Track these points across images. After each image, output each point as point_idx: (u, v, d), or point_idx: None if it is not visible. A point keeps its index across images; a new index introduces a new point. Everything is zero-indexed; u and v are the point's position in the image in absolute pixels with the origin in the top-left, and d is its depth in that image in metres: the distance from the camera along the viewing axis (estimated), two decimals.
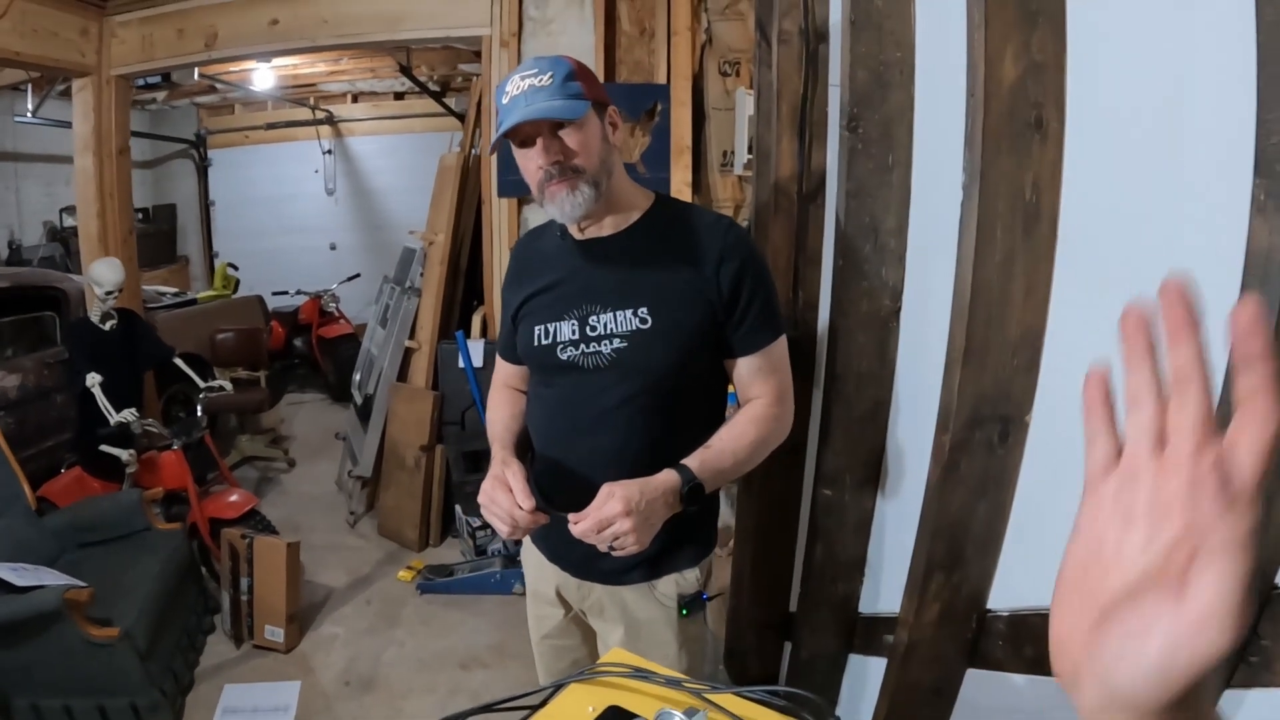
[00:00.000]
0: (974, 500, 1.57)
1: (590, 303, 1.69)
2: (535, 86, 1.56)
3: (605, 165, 1.64)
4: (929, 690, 1.83)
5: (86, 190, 4.89)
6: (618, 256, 1.71)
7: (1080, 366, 1.40)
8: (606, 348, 1.67)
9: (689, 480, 1.57)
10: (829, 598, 2.36)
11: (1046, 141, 1.35)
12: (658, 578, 1.78)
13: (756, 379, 1.70)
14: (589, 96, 1.59)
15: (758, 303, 1.65)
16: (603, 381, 1.68)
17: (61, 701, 3.05)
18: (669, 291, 1.65)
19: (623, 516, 1.48)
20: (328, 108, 9.84)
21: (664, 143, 4.40)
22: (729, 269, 1.63)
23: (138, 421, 4.05)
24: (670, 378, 1.67)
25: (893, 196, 1.93)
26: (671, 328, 1.64)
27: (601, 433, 1.71)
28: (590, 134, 1.61)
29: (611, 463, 1.66)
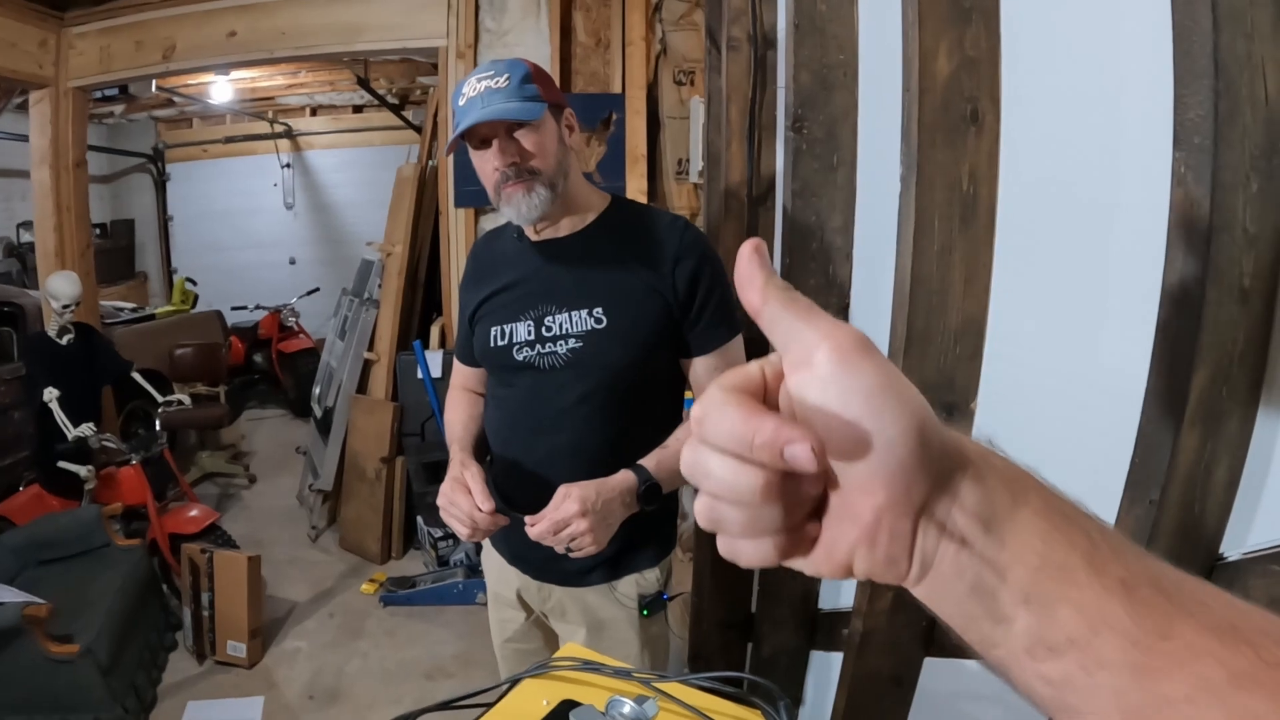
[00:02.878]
0: None
1: (546, 303, 1.70)
2: (492, 88, 1.56)
3: (561, 167, 1.64)
4: (888, 679, 1.84)
5: (44, 204, 4.86)
6: (573, 257, 1.72)
7: (1023, 355, 1.43)
8: (562, 348, 1.67)
9: (645, 480, 1.59)
10: (788, 594, 2.38)
11: (982, 133, 1.38)
12: (618, 578, 1.79)
13: (713, 378, 1.67)
14: (545, 99, 1.60)
15: (713, 302, 1.67)
16: (559, 381, 1.69)
17: (24, 719, 3.02)
18: (624, 291, 1.66)
19: (579, 517, 1.50)
20: (286, 121, 9.81)
21: (619, 151, 4.43)
22: (685, 268, 1.64)
23: (95, 436, 4.02)
24: (626, 377, 1.68)
25: (838, 195, 1.96)
26: (628, 327, 1.66)
27: (559, 432, 1.72)
28: (546, 136, 1.61)
29: (569, 462, 1.68)
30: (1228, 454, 1.00)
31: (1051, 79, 1.35)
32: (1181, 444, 0.94)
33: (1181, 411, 0.93)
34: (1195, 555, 1.06)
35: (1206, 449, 0.97)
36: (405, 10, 4.45)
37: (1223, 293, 0.89)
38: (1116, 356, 1.17)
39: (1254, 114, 0.86)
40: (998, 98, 1.38)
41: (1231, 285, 0.89)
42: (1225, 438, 0.99)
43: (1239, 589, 1.02)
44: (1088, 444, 1.30)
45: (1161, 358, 0.97)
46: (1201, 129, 0.87)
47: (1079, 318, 1.34)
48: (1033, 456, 1.30)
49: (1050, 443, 1.40)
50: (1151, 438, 1.00)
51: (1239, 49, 0.84)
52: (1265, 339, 0.95)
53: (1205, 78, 0.86)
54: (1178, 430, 0.93)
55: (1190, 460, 0.96)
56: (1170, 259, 0.94)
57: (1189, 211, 0.90)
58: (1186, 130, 0.90)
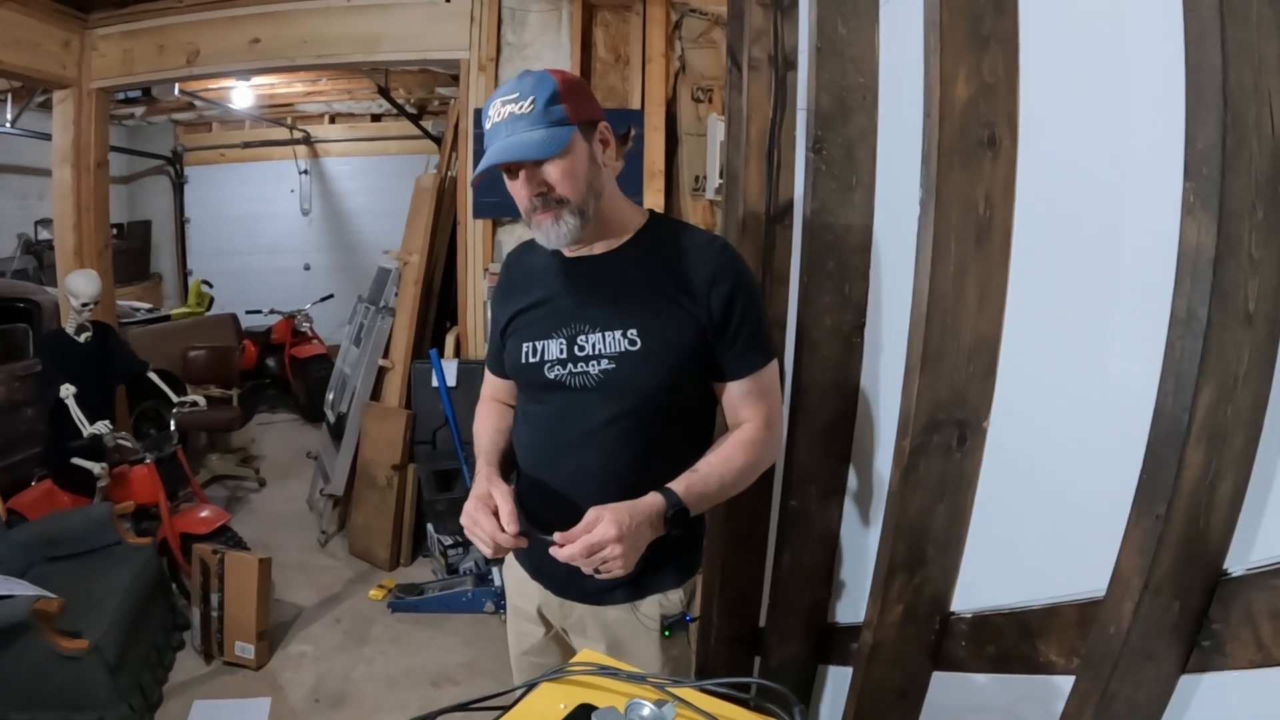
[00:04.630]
0: (933, 503, 1.63)
1: (579, 322, 1.67)
2: (516, 114, 1.52)
3: (593, 189, 1.60)
4: (895, 692, 1.86)
5: (64, 202, 4.91)
6: (607, 276, 1.69)
7: (1037, 374, 1.47)
8: (594, 368, 1.65)
9: (674, 504, 1.56)
10: (797, 607, 2.39)
11: (999, 158, 1.42)
12: (640, 598, 1.77)
13: (746, 403, 1.68)
14: (574, 118, 1.55)
15: (749, 325, 1.64)
16: (590, 402, 1.67)
17: (28, 716, 3.02)
18: (659, 313, 1.63)
19: (615, 541, 1.47)
20: (305, 128, 9.85)
21: (637, 167, 4.48)
22: (721, 291, 1.61)
23: (111, 434, 4.05)
24: (658, 400, 1.66)
25: (855, 216, 2.00)
26: (661, 350, 1.63)
27: (587, 453, 1.69)
28: (575, 161, 1.56)
29: (597, 483, 1.66)
30: (1232, 471, 1.03)
31: (1067, 106, 1.38)
32: (1187, 460, 0.98)
33: (1187, 429, 0.96)
34: (1199, 569, 1.09)
35: (1211, 466, 1.01)
36: (427, 21, 4.51)
37: (1228, 316, 0.93)
38: (1125, 376, 1.21)
39: (1260, 144, 0.90)
40: (1015, 123, 1.42)
41: (1236, 309, 0.93)
42: (1229, 455, 1.02)
43: (1242, 603, 1.05)
44: (1097, 461, 1.33)
45: (1169, 377, 1.01)
46: (1210, 159, 0.91)
47: (1089, 338, 1.36)
48: (1044, 472, 1.34)
49: (1061, 460, 1.43)
50: (1159, 454, 1.03)
51: (1246, 81, 0.88)
52: (1270, 360, 0.99)
53: (1214, 110, 0.89)
54: (1184, 447, 0.97)
55: (1195, 476, 1.00)
56: (1179, 283, 0.98)
57: (1197, 238, 0.94)
58: (1195, 161, 0.94)
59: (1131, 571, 1.08)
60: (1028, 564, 1.54)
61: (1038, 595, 1.47)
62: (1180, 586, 1.09)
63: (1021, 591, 1.52)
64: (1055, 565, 1.46)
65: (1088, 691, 1.20)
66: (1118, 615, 1.11)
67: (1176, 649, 1.14)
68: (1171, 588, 1.08)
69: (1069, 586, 1.38)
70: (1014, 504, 1.58)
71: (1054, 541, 1.48)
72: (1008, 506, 1.61)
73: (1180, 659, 1.15)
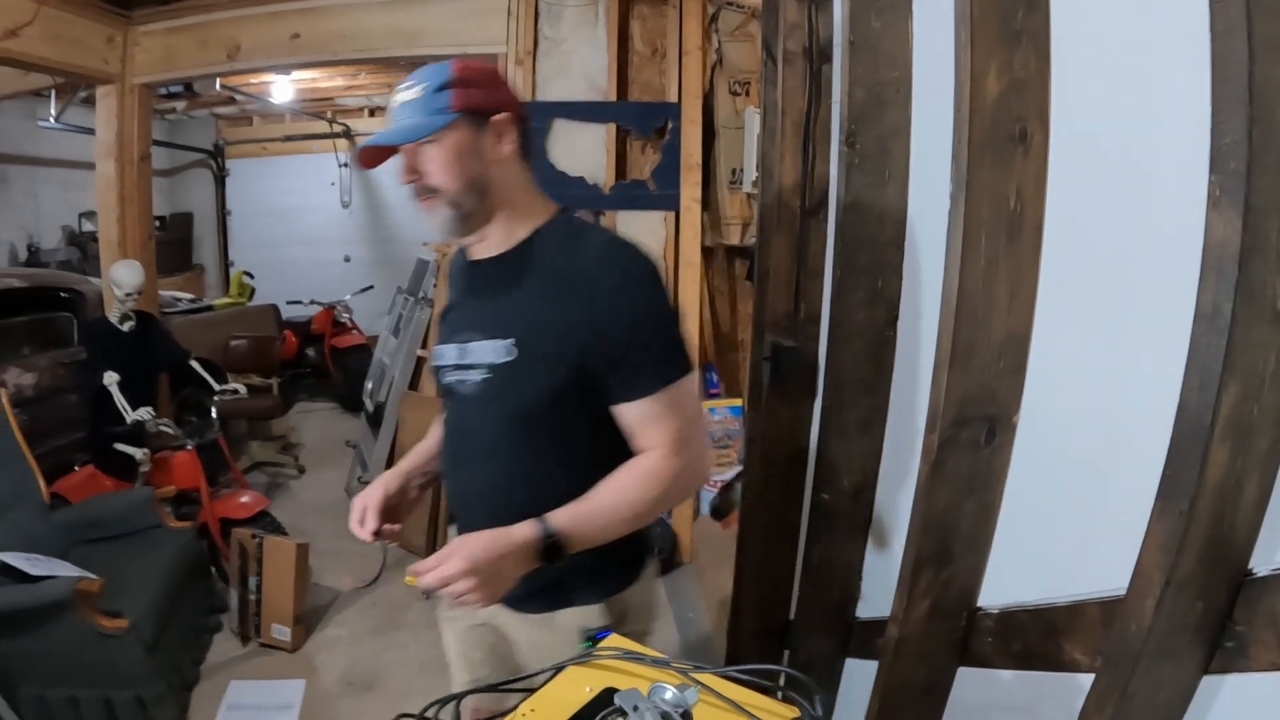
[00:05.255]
0: (962, 498, 1.63)
1: (469, 328, 1.61)
2: (404, 100, 1.50)
3: (473, 183, 1.52)
4: (920, 688, 1.86)
5: (107, 195, 4.99)
6: (496, 279, 1.60)
7: (1067, 370, 1.46)
8: (475, 377, 1.58)
9: (548, 537, 1.46)
10: (826, 602, 2.41)
11: (1030, 153, 1.42)
12: (556, 609, 1.68)
13: (646, 427, 1.53)
14: (458, 107, 1.48)
15: (646, 342, 1.49)
16: (473, 411, 1.62)
17: (68, 692, 3.07)
18: (541, 324, 1.51)
19: (462, 576, 1.40)
20: (345, 121, 9.95)
21: (674, 160, 4.50)
22: (612, 303, 1.47)
23: (154, 420, 4.12)
24: (538, 416, 1.56)
25: (889, 209, 2.00)
26: (538, 364, 1.52)
27: (478, 462, 1.65)
28: (448, 151, 1.49)
29: (489, 493, 1.64)
30: (1258, 471, 1.03)
31: (1098, 101, 1.38)
32: (1211, 458, 0.98)
33: (1211, 426, 0.96)
34: (1224, 569, 1.09)
35: (1237, 464, 1.00)
36: (465, 16, 4.54)
37: (1253, 314, 0.93)
38: (1155, 374, 1.20)
39: None
40: (1046, 118, 1.42)
41: (1264, 307, 0.93)
42: (1256, 455, 1.02)
43: (1266, 605, 1.05)
44: (1125, 458, 1.33)
45: (1193, 374, 1.01)
46: (1236, 154, 0.90)
47: (1120, 335, 1.36)
48: (1073, 469, 1.33)
49: (1090, 457, 1.43)
50: (1182, 451, 1.03)
51: (1274, 77, 0.88)
52: None
53: (1241, 104, 0.89)
54: (1207, 445, 0.97)
55: (1220, 474, 1.00)
56: (1204, 279, 0.98)
57: (1222, 234, 0.93)
58: (1221, 155, 0.94)
59: (1153, 568, 1.08)
60: (1055, 561, 1.54)
61: (1064, 592, 1.47)
62: (1204, 586, 1.09)
63: (1048, 588, 1.52)
64: (1082, 563, 1.46)
65: (1107, 690, 1.20)
66: (1139, 613, 1.11)
67: (1199, 649, 1.14)
68: (1194, 587, 1.08)
69: (1095, 584, 1.37)
70: (1042, 500, 1.58)
71: (1081, 539, 1.48)
72: (1036, 503, 1.60)
73: (1202, 660, 1.15)
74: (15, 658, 2.96)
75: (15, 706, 2.89)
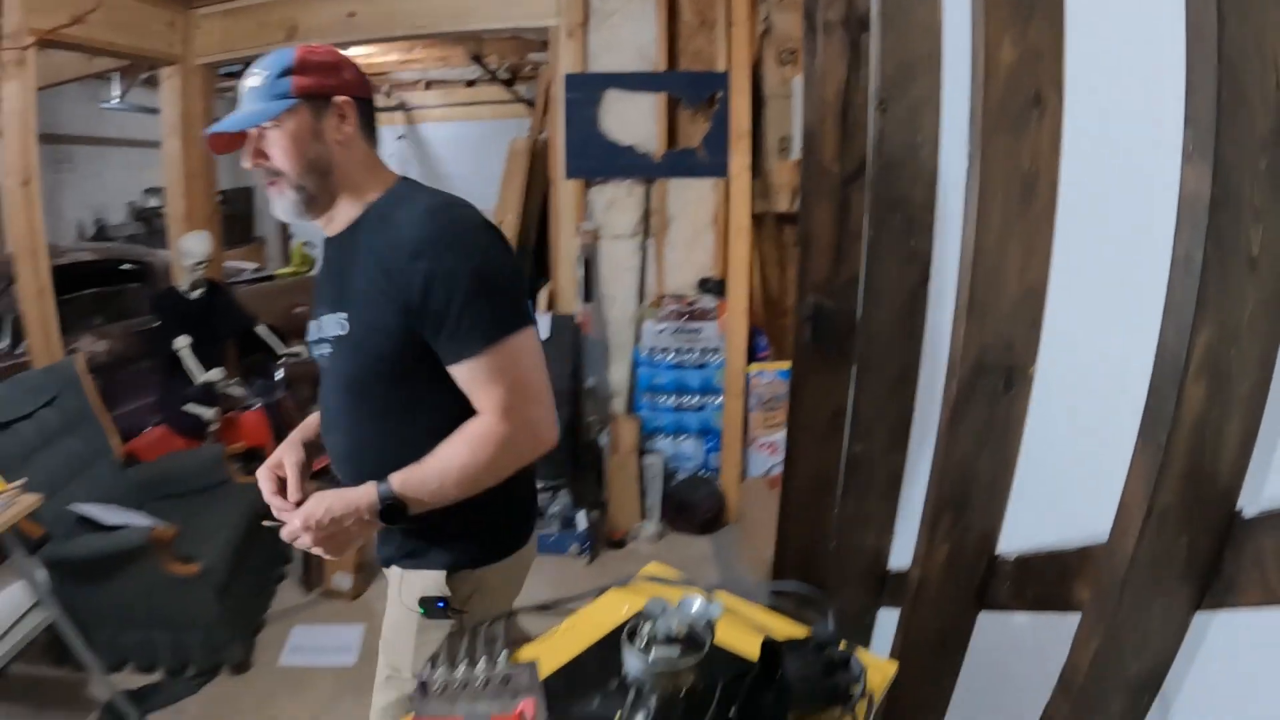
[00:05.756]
0: (980, 445, 1.72)
1: (320, 303, 1.65)
2: (250, 86, 1.53)
3: (314, 165, 1.54)
4: (940, 632, 1.95)
5: (173, 171, 5.15)
6: (337, 255, 1.63)
7: (1082, 324, 1.53)
8: (325, 350, 1.62)
9: (385, 498, 1.51)
10: (859, 554, 2.50)
11: (1045, 119, 1.50)
12: (407, 570, 1.72)
13: (476, 389, 1.52)
14: (299, 92, 1.51)
15: (460, 304, 1.46)
16: (328, 382, 1.66)
17: (141, 634, 3.26)
18: (366, 295, 1.53)
19: (303, 531, 1.51)
20: (401, 95, 10.08)
21: (724, 128, 4.55)
22: (420, 267, 1.46)
23: (224, 381, 4.31)
24: (375, 385, 1.59)
25: (920, 173, 2.08)
26: (364, 336, 1.55)
27: (335, 431, 1.69)
28: (289, 135, 1.52)
29: (343, 459, 1.69)
30: (1240, 413, 1.10)
31: (1111, 68, 1.43)
32: (1186, 395, 1.06)
33: (1186, 364, 1.04)
34: (1210, 508, 1.15)
35: (1215, 405, 1.08)
36: None
37: (1227, 261, 1.00)
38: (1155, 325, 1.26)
39: (1263, 100, 0.97)
40: (1060, 85, 1.50)
41: (1237, 254, 1.00)
42: (1237, 398, 1.09)
43: (1253, 544, 1.11)
44: (1134, 409, 1.39)
45: (1169, 317, 1.09)
46: (1206, 111, 0.98)
47: (1131, 291, 1.41)
48: (1086, 418, 1.37)
49: (1102, 407, 1.50)
50: (1160, 389, 1.11)
51: (1241, 39, 0.95)
52: (1278, 308, 1.06)
53: (1210, 64, 0.97)
54: (1182, 382, 1.05)
55: (1196, 412, 1.07)
56: (1179, 229, 1.06)
57: (1194, 186, 1.02)
58: (1195, 112, 1.02)
59: (1135, 498, 1.16)
60: (1069, 508, 1.61)
61: (1076, 538, 1.53)
62: (1188, 521, 1.16)
63: (1062, 534, 1.58)
64: (1094, 509, 1.52)
65: (1096, 618, 1.28)
66: (1123, 542, 1.19)
67: (1189, 585, 1.20)
68: (1178, 519, 1.15)
69: (1105, 530, 1.44)
70: (1058, 449, 1.65)
71: (1093, 485, 1.52)
72: (1052, 451, 1.67)
73: (1194, 596, 1.21)
74: (93, 602, 3.13)
75: (93, 648, 3.04)
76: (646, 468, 4.62)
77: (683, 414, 4.71)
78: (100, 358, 4.90)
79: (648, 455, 4.66)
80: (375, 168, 1.64)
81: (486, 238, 1.54)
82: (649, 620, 1.24)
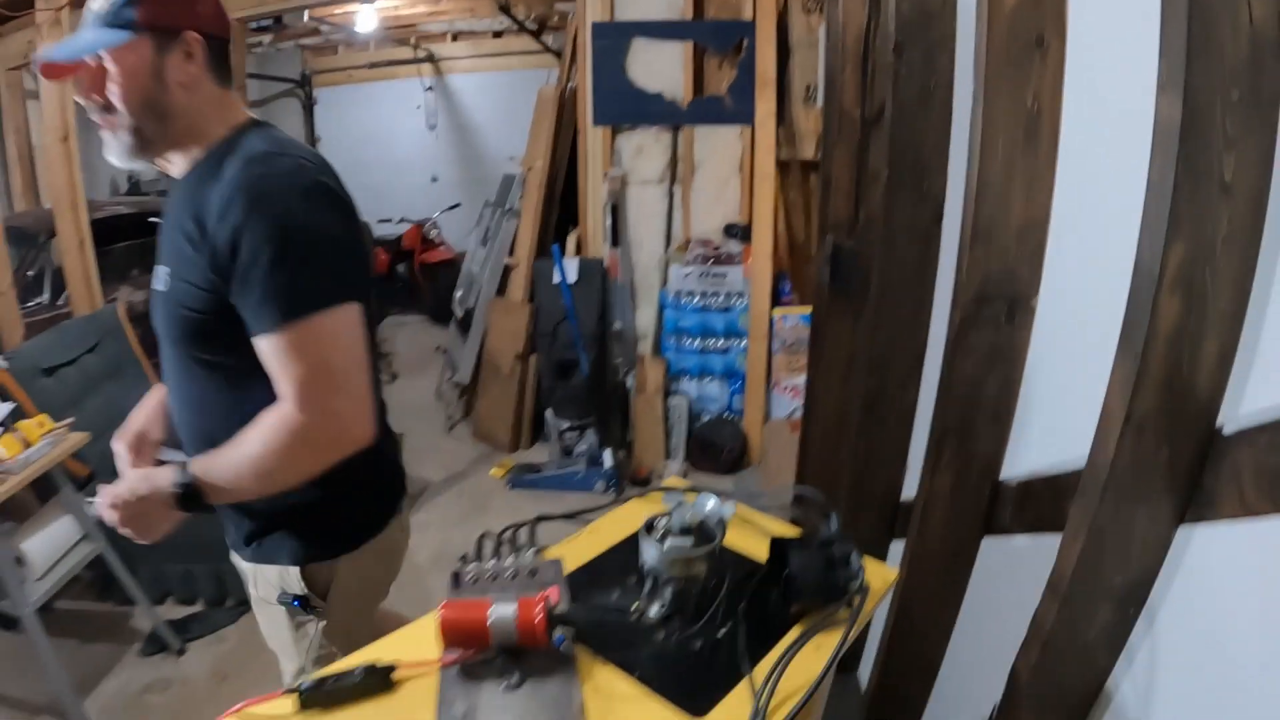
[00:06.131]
0: (983, 373, 1.80)
1: (159, 254, 1.49)
2: (93, 10, 1.36)
3: (151, 107, 1.39)
4: (945, 556, 2.02)
5: None
6: (173, 205, 1.46)
7: (1082, 255, 1.59)
8: (157, 303, 1.48)
9: (182, 485, 1.38)
10: (874, 487, 2.59)
11: (1047, 58, 1.58)
12: (261, 563, 1.62)
13: (275, 369, 1.34)
14: (144, 22, 1.35)
15: (262, 270, 1.29)
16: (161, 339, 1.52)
17: (183, 567, 3.44)
18: (180, 251, 1.38)
19: (108, 509, 1.41)
20: (428, 47, 10.12)
21: (750, 76, 4.62)
22: (227, 225, 1.29)
23: None
24: (195, 351, 1.45)
25: (934, 116, 2.15)
26: (177, 295, 1.40)
27: (170, 393, 1.58)
28: (126, 71, 1.36)
29: (179, 423, 1.58)
30: (1217, 329, 1.17)
31: (1111, 8, 1.50)
32: (1161, 308, 1.13)
33: (1159, 278, 1.13)
34: (1190, 421, 1.22)
35: (1191, 319, 1.16)
36: None
37: (1198, 183, 1.08)
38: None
39: (1235, 32, 1.04)
40: (1064, 26, 1.57)
41: (1210, 178, 1.08)
42: (1213, 314, 1.16)
43: (1230, 459, 1.17)
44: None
45: (1145, 237, 1.16)
46: (1178, 41, 1.06)
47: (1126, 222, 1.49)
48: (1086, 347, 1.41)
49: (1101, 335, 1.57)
50: (1136, 301, 1.19)
51: None
52: (1254, 230, 1.12)
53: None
54: (1156, 295, 1.13)
55: (1172, 324, 1.15)
56: (1153, 155, 1.14)
57: (1166, 114, 1.10)
58: (1168, 43, 1.10)
59: (1115, 406, 1.24)
60: (1069, 433, 1.63)
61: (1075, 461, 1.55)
62: (1168, 433, 1.23)
63: (1062, 459, 1.64)
64: (1091, 434, 1.58)
65: (1079, 523, 1.35)
66: (1104, 449, 1.27)
67: (1171, 498, 1.26)
68: (1157, 431, 1.22)
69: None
70: (1058, 376, 1.71)
71: (1091, 411, 1.59)
72: (1053, 379, 1.73)
73: (1176, 509, 1.27)
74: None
75: (137, 581, 3.20)
76: (672, 409, 4.75)
77: (708, 356, 4.82)
78: (139, 307, 5.03)
79: (673, 397, 4.79)
80: (224, 109, 1.48)
81: (308, 195, 1.35)
82: (666, 515, 1.36)
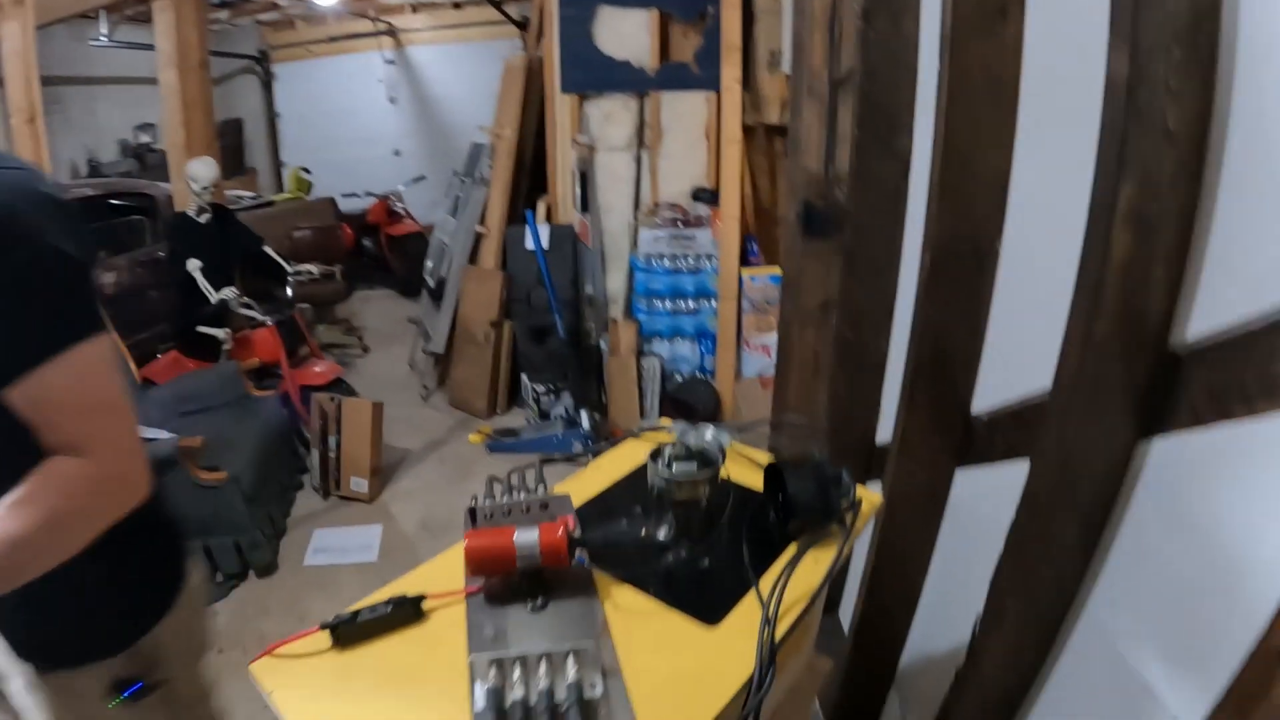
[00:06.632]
0: (953, 315, 1.92)
1: None
2: None
3: None
4: (920, 491, 2.14)
5: (171, 102, 5.29)
6: None
7: (1042, 207, 1.72)
8: None
9: None
10: (849, 432, 2.72)
11: (1008, 23, 1.70)
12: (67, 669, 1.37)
13: (37, 424, 1.10)
14: None
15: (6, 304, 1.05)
16: None
17: None
18: None
19: None
20: (388, 19, 10.10)
21: (715, 42, 4.73)
22: None
23: (237, 299, 4.51)
24: None
25: (901, 77, 2.27)
26: None
27: None
28: None
29: None
30: (1164, 258, 1.29)
31: None
32: (1115, 240, 1.27)
33: (1111, 212, 1.26)
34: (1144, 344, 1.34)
35: (1142, 249, 1.29)
36: None
37: (1145, 129, 1.21)
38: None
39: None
40: None
41: (1155, 126, 1.21)
42: (1162, 245, 1.29)
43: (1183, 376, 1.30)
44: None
45: (1099, 178, 1.30)
46: (1125, 2, 1.19)
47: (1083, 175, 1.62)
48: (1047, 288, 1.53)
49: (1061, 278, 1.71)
50: (1093, 234, 1.33)
51: None
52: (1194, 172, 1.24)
53: None
54: (1109, 227, 1.27)
55: (1124, 255, 1.28)
56: (1104, 105, 1.27)
57: (1115, 67, 1.23)
58: (1120, 5, 1.23)
59: (1076, 332, 1.38)
60: (1035, 368, 1.72)
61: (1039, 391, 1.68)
62: (1123, 354, 1.35)
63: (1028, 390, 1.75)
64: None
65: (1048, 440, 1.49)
66: (1067, 370, 1.41)
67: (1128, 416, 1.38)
68: (1115, 349, 1.35)
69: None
70: (1024, 315, 1.84)
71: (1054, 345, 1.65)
72: (1018, 317, 1.86)
73: (1135, 425, 1.39)
74: None
75: None
76: (645, 369, 4.87)
77: (679, 318, 4.94)
78: (108, 289, 5.11)
79: (646, 358, 4.91)
80: None
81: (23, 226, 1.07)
82: (670, 444, 1.48)
